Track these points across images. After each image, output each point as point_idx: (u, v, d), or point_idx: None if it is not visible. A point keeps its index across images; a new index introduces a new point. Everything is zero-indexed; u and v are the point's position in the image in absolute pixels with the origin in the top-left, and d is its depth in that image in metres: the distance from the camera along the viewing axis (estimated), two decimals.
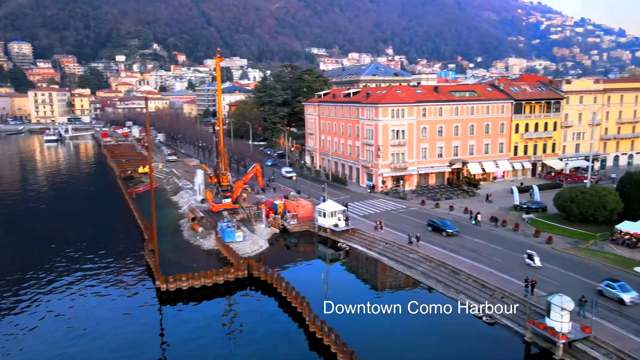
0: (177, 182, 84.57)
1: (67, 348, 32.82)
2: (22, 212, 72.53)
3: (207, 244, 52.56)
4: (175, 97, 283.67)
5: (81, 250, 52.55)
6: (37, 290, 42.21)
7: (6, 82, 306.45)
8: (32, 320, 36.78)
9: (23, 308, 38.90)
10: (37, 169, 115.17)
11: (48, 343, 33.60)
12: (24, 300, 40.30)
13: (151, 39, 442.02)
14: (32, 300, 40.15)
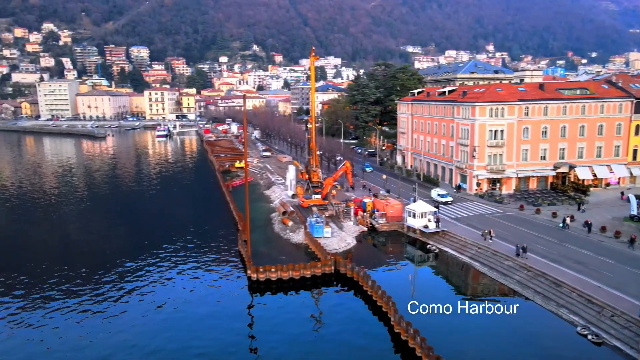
0: (270, 177, 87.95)
1: (162, 331, 35.53)
2: (137, 199, 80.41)
3: (296, 238, 53.94)
4: (272, 95, 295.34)
5: (183, 236, 56.79)
6: (145, 271, 46.38)
7: (127, 83, 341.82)
8: (135, 303, 40.52)
9: (128, 290, 42.97)
10: (149, 161, 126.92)
11: (147, 324, 36.70)
12: (133, 281, 44.49)
13: (251, 40, 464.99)
14: (139, 281, 44.20)
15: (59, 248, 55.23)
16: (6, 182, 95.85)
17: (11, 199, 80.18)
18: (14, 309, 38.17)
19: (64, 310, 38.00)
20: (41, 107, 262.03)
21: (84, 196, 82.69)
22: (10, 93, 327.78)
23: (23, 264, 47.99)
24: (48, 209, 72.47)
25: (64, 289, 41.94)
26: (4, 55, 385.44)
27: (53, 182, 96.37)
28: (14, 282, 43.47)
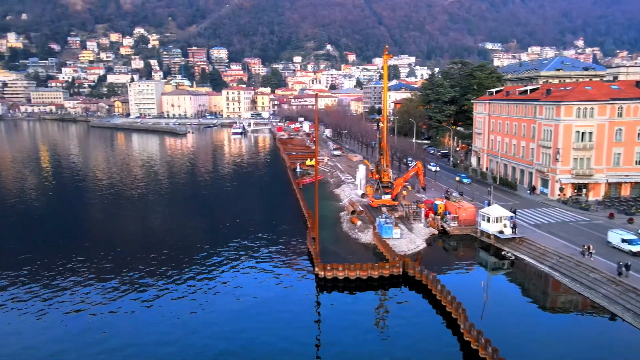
0: (340, 175, 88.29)
1: (230, 323, 36.81)
2: (212, 193, 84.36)
3: (364, 238, 53.68)
4: (344, 94, 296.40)
5: (254, 230, 58.66)
6: (217, 262, 48.50)
7: (207, 83, 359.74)
8: (209, 294, 42.45)
9: (200, 280, 45.09)
10: (224, 158, 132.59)
11: (215, 316, 38.26)
12: (205, 272, 46.69)
13: (325, 40, 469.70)
14: (212, 272, 46.28)
15: (141, 236, 59.44)
16: (100, 174, 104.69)
17: (103, 189, 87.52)
18: (110, 290, 41.59)
19: (144, 296, 40.76)
20: (131, 105, 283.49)
21: (165, 189, 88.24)
22: (105, 93, 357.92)
23: (112, 249, 52.13)
24: (134, 199, 78.37)
25: (144, 275, 44.95)
26: (101, 58, 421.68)
27: (139, 175, 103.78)
28: (105, 266, 47.34)
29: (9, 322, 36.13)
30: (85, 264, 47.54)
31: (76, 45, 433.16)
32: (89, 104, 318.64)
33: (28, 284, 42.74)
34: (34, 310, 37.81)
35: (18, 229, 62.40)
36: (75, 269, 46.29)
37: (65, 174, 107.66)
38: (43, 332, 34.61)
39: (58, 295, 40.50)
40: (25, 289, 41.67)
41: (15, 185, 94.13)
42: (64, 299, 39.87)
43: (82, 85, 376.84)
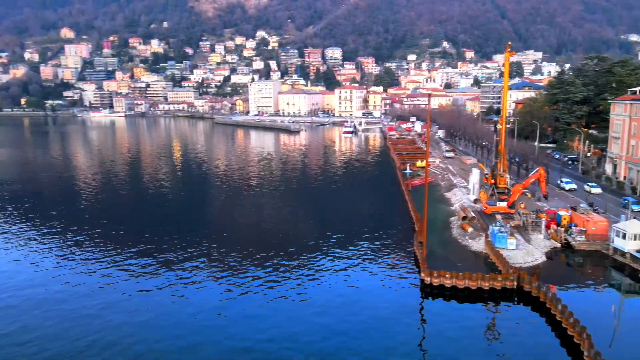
0: (451, 179, 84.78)
1: (332, 324, 37.29)
2: (321, 189, 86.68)
3: (475, 246, 50.88)
4: (459, 94, 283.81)
5: (360, 229, 58.95)
6: (323, 258, 49.63)
7: (320, 82, 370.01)
8: (311, 292, 43.55)
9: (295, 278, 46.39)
10: (334, 156, 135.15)
11: (315, 312, 39.03)
12: (311, 266, 48.01)
13: (441, 37, 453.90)
14: (316, 267, 47.45)
15: (253, 226, 62.99)
16: (220, 167, 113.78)
17: (223, 180, 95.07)
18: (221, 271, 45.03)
19: (255, 284, 43.26)
20: (251, 104, 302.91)
21: (277, 183, 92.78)
22: (229, 92, 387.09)
23: (226, 237, 56.23)
24: (249, 191, 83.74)
25: (253, 263, 47.73)
26: (227, 60, 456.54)
27: (254, 169, 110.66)
28: (221, 252, 51.30)
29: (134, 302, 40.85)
30: (202, 250, 51.89)
31: (206, 48, 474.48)
32: (215, 102, 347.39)
33: (149, 268, 47.91)
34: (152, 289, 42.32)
35: (149, 210, 70.44)
36: (193, 257, 50.73)
37: (191, 165, 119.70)
38: (172, 313, 38.51)
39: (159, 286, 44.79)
40: (146, 271, 46.78)
41: (152, 172, 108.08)
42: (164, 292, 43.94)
43: (210, 85, 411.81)
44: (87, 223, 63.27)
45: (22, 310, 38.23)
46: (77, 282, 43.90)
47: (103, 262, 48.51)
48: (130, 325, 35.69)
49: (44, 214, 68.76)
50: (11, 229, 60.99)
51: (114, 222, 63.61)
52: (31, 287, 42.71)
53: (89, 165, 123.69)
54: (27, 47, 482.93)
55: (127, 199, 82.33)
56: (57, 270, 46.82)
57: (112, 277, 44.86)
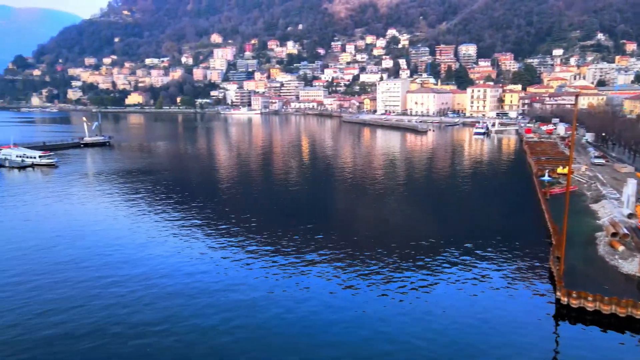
0: (600, 189, 74.95)
1: (448, 333, 35.44)
2: (447, 193, 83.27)
3: (627, 267, 44.27)
4: (615, 92, 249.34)
5: (487, 238, 55.22)
6: (444, 266, 47.60)
7: (451, 80, 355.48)
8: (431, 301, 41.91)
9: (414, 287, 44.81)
10: (463, 158, 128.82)
11: (434, 322, 37.38)
12: (434, 273, 46.31)
13: (596, 28, 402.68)
14: (438, 274, 45.61)
15: (374, 225, 62.84)
16: (345, 165, 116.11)
17: (347, 177, 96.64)
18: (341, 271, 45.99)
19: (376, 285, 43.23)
20: (378, 103, 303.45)
21: (401, 183, 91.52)
22: (357, 91, 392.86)
23: (347, 233, 57.13)
24: (371, 190, 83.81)
25: (370, 264, 47.67)
26: (357, 59, 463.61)
27: (378, 167, 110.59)
28: (341, 252, 52.32)
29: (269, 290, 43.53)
30: (323, 245, 53.37)
31: (337, 48, 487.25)
32: (343, 101, 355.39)
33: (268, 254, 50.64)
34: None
35: (276, 202, 74.80)
36: (312, 250, 52.45)
37: (317, 161, 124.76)
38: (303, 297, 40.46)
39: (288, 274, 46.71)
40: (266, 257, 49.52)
41: (281, 166, 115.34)
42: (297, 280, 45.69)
43: (339, 84, 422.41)
44: (220, 212, 69.69)
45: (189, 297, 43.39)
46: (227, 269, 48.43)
47: (229, 250, 52.81)
48: (291, 319, 38.29)
49: (188, 200, 77.32)
50: (164, 214, 69.61)
51: (246, 211, 69.00)
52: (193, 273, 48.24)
53: (226, 157, 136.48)
54: (184, 52, 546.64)
55: (258, 190, 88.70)
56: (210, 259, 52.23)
57: (252, 267, 48.62)
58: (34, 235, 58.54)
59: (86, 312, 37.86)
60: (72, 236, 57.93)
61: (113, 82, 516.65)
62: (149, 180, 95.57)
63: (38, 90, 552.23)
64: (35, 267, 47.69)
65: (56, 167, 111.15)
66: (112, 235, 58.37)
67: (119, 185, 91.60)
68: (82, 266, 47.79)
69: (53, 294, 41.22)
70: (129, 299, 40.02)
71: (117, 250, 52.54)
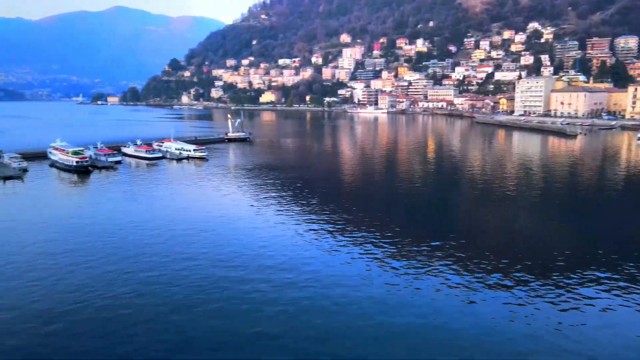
0: None
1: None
2: (592, 206, 72.48)
3: None
4: None
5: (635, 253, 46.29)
6: (581, 279, 40.62)
7: (606, 78, 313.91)
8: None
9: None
10: (618, 168, 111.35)
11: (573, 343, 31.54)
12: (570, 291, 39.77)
13: None
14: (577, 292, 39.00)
15: (501, 237, 57.70)
16: (473, 168, 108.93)
17: (474, 183, 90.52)
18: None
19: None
20: (516, 103, 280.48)
21: (537, 192, 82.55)
22: (491, 90, 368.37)
23: (470, 243, 52.23)
24: (501, 197, 77.41)
25: (494, 277, 42.58)
26: (491, 56, 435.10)
27: (511, 174, 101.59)
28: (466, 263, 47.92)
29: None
30: (442, 251, 49.46)
31: (470, 45, 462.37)
32: (475, 100, 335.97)
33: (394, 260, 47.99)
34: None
35: (398, 203, 72.22)
36: (436, 257, 48.76)
37: (443, 163, 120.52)
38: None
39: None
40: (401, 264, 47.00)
41: (404, 166, 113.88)
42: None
43: (471, 83, 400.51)
44: (342, 209, 69.59)
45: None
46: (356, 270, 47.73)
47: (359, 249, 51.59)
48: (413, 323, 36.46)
49: (310, 197, 78.50)
50: (285, 210, 71.39)
51: (367, 211, 67.78)
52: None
53: (351, 155, 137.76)
54: (314, 52, 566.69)
55: (380, 190, 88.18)
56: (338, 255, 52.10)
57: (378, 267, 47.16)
58: (185, 219, 63.93)
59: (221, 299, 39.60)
60: (220, 223, 62.12)
61: (249, 82, 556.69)
62: (284, 175, 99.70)
63: (187, 89, 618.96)
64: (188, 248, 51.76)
65: (207, 160, 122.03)
66: (254, 227, 61.12)
67: (257, 178, 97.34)
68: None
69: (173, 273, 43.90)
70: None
71: (263, 242, 54.61)
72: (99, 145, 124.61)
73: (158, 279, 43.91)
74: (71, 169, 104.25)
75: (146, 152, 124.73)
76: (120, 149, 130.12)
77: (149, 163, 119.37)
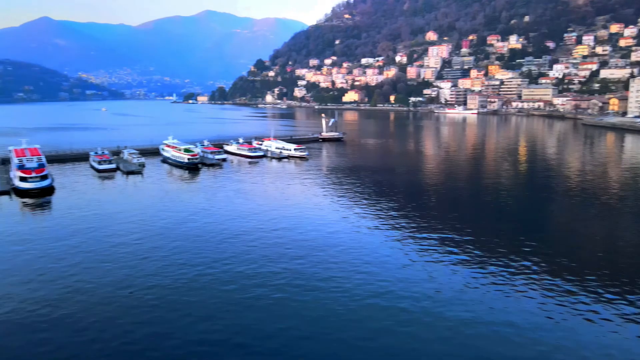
0: None
1: None
2: None
3: None
4: None
5: None
6: None
7: None
8: None
9: None
10: None
11: None
12: None
13: None
14: None
15: (602, 248, 52.31)
16: (572, 174, 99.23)
17: (572, 190, 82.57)
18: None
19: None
20: (630, 103, 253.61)
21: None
22: (597, 89, 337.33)
23: (565, 252, 45.45)
24: (601, 206, 70.82)
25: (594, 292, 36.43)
26: (596, 52, 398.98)
27: (617, 181, 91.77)
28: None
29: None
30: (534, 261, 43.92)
31: (571, 41, 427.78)
32: (579, 101, 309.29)
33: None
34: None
35: (485, 208, 66.40)
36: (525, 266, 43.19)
37: (537, 167, 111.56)
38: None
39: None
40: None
41: (492, 170, 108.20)
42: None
43: (572, 81, 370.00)
44: (426, 213, 67.73)
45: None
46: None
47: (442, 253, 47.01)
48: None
49: (397, 199, 74.48)
50: (374, 211, 67.97)
51: (454, 214, 63.71)
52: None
53: (435, 157, 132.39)
54: (398, 51, 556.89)
55: (465, 193, 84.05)
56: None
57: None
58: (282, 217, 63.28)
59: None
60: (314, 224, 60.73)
61: (332, 81, 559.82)
62: (383, 177, 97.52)
63: (271, 89, 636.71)
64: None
65: (307, 159, 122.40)
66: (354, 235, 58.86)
67: (357, 179, 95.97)
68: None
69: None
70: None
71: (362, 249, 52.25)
72: (205, 142, 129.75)
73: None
74: (183, 165, 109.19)
75: (249, 150, 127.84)
76: (222, 146, 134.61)
77: (251, 161, 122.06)
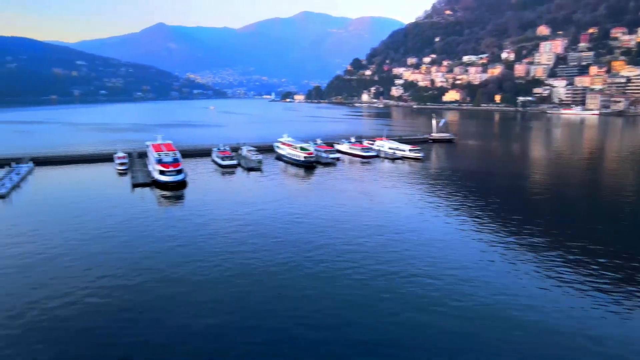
0: None
1: None
2: None
3: None
4: None
5: None
6: None
7: None
8: None
9: None
10: None
11: None
12: None
13: None
14: None
15: None
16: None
17: None
18: None
19: None
20: None
21: None
22: None
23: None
24: None
25: None
26: None
27: None
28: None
29: None
30: None
31: None
32: None
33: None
34: None
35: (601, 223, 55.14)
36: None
37: None
38: None
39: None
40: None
41: (613, 181, 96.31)
42: None
43: None
44: (533, 225, 57.64)
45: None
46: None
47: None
48: None
49: (493, 206, 65.84)
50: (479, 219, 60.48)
51: (562, 228, 53.16)
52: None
53: (543, 165, 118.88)
54: (505, 47, 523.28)
55: (576, 207, 73.41)
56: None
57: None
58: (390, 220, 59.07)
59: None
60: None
61: (431, 80, 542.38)
62: (500, 182, 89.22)
63: (368, 88, 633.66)
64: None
65: (422, 161, 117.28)
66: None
67: (476, 183, 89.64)
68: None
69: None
70: None
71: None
72: (318, 141, 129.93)
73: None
74: (299, 163, 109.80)
75: (361, 150, 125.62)
76: (333, 145, 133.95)
77: (364, 161, 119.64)
